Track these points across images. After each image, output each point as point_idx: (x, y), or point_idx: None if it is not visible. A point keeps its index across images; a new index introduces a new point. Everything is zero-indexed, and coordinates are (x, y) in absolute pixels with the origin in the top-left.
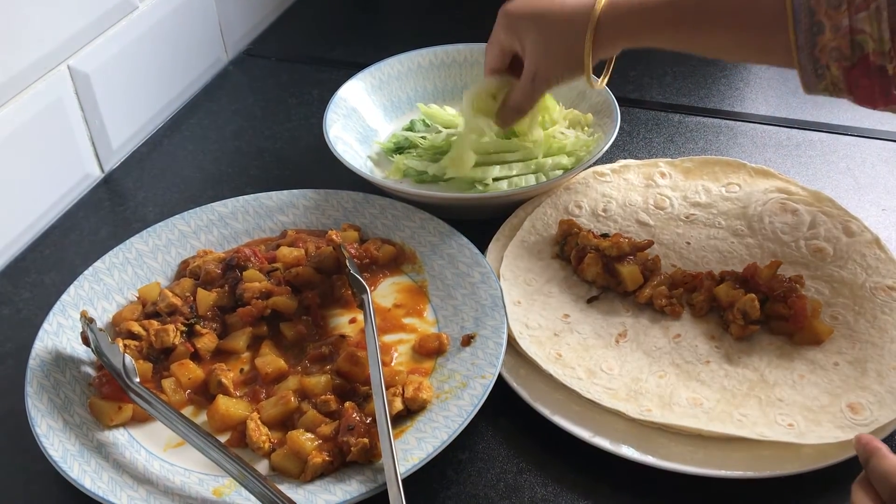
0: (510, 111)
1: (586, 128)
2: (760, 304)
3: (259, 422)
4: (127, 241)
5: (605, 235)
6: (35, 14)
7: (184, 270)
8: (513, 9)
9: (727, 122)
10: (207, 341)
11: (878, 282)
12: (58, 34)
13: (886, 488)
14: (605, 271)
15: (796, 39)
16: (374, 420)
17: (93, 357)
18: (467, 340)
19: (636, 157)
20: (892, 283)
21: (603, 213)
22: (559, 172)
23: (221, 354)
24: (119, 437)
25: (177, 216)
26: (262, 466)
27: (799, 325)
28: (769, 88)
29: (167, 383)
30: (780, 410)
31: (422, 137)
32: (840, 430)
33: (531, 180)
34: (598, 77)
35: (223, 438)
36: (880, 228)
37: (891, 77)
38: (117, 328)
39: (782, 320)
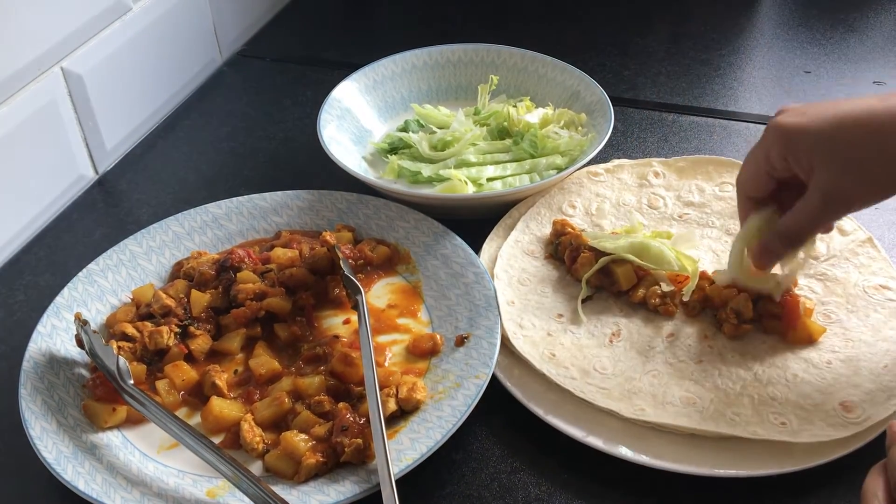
0: (782, 240)
1: (580, 127)
2: (753, 303)
3: (253, 423)
4: (121, 243)
5: None
6: (28, 16)
7: (178, 272)
8: (793, 122)
9: (721, 121)
10: (201, 343)
11: (871, 280)
12: (51, 36)
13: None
14: (599, 271)
15: None
16: (367, 421)
17: (87, 359)
18: (461, 341)
19: (630, 157)
20: (884, 281)
21: (596, 213)
22: (553, 172)
23: (215, 356)
24: (113, 439)
25: (171, 217)
26: (256, 467)
27: (792, 324)
28: (762, 88)
29: (161, 385)
30: (773, 409)
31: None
32: (833, 429)
33: (525, 180)
34: None
35: (217, 440)
36: (873, 227)
37: None
38: (111, 330)
39: (775, 319)
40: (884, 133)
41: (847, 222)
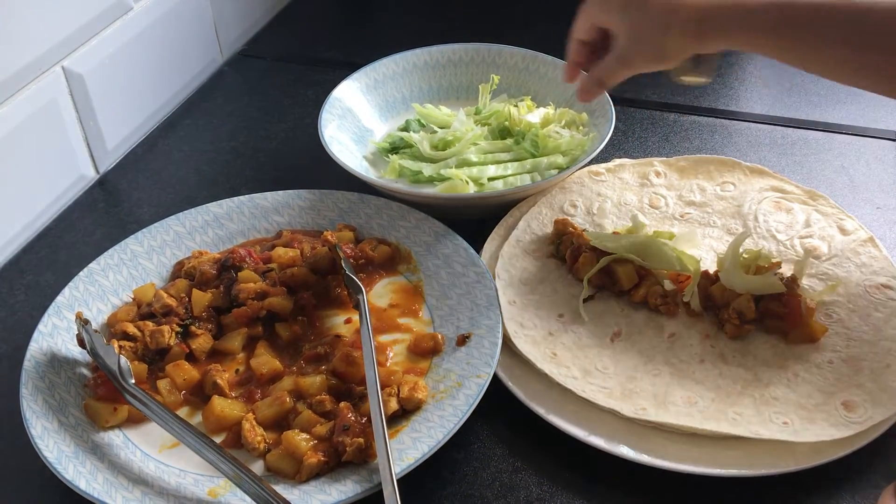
0: (593, 83)
1: (581, 127)
2: (755, 302)
3: (254, 422)
4: (122, 242)
5: None
6: (29, 15)
7: (179, 271)
8: None
9: (722, 120)
10: (202, 342)
11: (872, 280)
12: (52, 35)
13: None
14: (601, 270)
15: None
16: (369, 420)
17: (88, 358)
18: (462, 340)
19: (631, 157)
20: (885, 280)
21: (598, 213)
22: (554, 172)
23: (217, 355)
24: (114, 439)
25: (172, 217)
26: (258, 467)
27: (793, 323)
28: (763, 87)
29: (162, 384)
30: (775, 409)
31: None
32: (835, 428)
33: (526, 180)
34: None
35: (218, 439)
36: (874, 226)
37: None
38: (112, 329)
39: (777, 319)
40: (661, 13)
41: (849, 222)
